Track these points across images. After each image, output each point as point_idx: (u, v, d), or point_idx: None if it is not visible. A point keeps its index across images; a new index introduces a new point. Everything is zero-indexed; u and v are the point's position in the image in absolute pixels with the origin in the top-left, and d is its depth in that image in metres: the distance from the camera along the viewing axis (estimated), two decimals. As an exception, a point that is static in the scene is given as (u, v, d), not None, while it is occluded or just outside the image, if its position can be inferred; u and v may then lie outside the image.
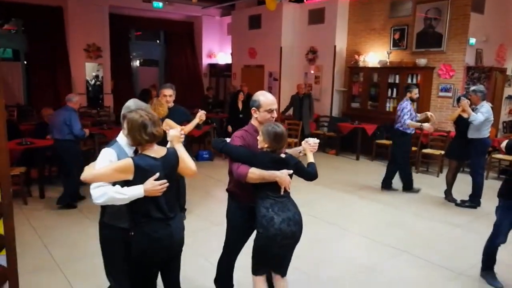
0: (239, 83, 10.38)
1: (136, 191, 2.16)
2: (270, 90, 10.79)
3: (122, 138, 2.41)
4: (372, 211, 5.46)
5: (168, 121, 4.09)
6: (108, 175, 2.18)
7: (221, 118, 9.89)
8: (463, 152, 5.62)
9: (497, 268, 3.54)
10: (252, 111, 2.67)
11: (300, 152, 2.77)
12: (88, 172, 2.24)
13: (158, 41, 13.85)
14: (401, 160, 6.20)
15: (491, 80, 8.41)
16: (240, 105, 8.21)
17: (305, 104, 8.91)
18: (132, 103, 2.44)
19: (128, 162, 2.18)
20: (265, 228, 2.44)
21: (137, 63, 13.63)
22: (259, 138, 2.52)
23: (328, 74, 9.93)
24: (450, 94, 7.93)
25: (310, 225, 4.69)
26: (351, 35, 9.83)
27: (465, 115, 5.41)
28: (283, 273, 2.64)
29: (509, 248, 3.53)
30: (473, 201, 5.56)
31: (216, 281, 3.11)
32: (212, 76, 13.89)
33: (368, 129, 8.49)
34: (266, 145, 2.49)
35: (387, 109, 8.85)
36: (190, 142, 6.48)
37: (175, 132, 2.41)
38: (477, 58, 8.16)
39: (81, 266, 3.64)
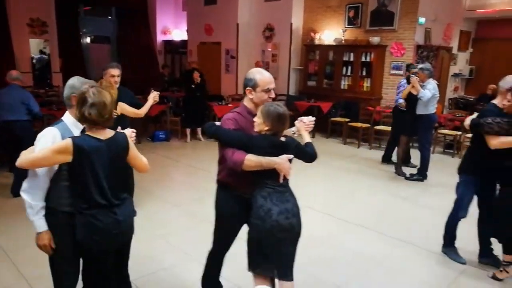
0: (196, 60, 10.17)
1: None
2: (227, 67, 10.70)
3: (68, 117, 2.25)
4: (328, 187, 5.64)
5: (122, 105, 3.86)
6: (47, 158, 2.00)
7: (177, 97, 9.70)
8: (413, 127, 5.90)
9: (458, 243, 3.62)
10: (247, 91, 2.39)
11: (294, 133, 2.50)
12: (24, 157, 2.04)
13: (110, 17, 13.21)
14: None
15: (438, 58, 8.81)
16: (196, 83, 8.00)
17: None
18: (76, 80, 2.27)
19: (67, 141, 2.02)
20: (262, 219, 2.23)
21: (87, 40, 12.96)
22: (257, 120, 2.25)
23: (285, 52, 9.95)
24: (401, 72, 8.21)
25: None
26: (308, 13, 9.85)
27: (414, 92, 5.65)
28: (287, 275, 2.30)
29: (469, 221, 3.53)
30: (421, 174, 5.88)
31: (204, 279, 2.82)
32: (167, 53, 13.51)
33: (324, 107, 8.67)
34: (266, 128, 2.22)
35: (342, 87, 9.05)
36: (145, 122, 6.34)
37: (128, 132, 2.31)
38: (426, 37, 8.48)
39: (30, 253, 3.51)
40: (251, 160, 2.19)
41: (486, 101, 8.83)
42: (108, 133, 2.15)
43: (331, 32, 9.31)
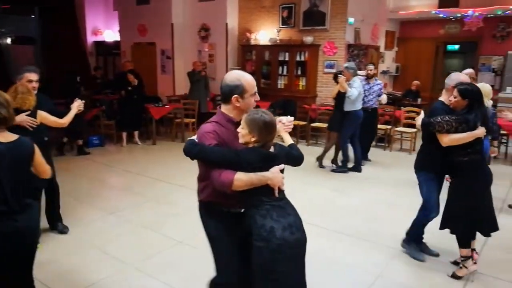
0: (131, 62, 9.79)
1: None
2: (163, 68, 10.45)
3: None
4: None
5: (41, 114, 3.47)
6: None
7: (111, 100, 9.29)
8: (342, 124, 6.16)
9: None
10: (233, 100, 2.10)
11: None
12: None
13: (32, 16, 12.31)
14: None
15: (367, 56, 9.27)
16: (131, 86, 7.70)
17: (201, 82, 8.84)
18: None
19: None
20: (266, 240, 1.99)
21: (8, 40, 11.98)
22: (242, 131, 2.02)
23: (221, 52, 9.93)
24: (334, 70, 8.52)
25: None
26: (242, 13, 9.91)
27: (342, 90, 5.90)
28: None
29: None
30: (344, 166, 6.24)
31: None
32: (99, 55, 12.88)
33: (262, 106, 8.75)
34: (253, 139, 2.00)
35: (279, 86, 9.23)
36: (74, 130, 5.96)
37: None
38: (356, 36, 8.89)
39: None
40: (241, 180, 1.97)
41: (411, 96, 9.52)
42: (9, 136, 2.07)
43: (266, 32, 9.45)
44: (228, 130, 2.13)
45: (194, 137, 2.13)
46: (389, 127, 7.75)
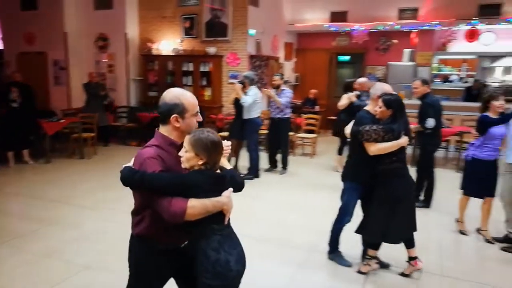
0: (17, 73, 8.86)
1: None
2: (57, 80, 9.65)
3: None
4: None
5: None
6: None
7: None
8: (241, 131, 6.32)
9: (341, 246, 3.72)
10: (172, 120, 1.92)
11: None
12: None
13: None
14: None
15: (269, 67, 9.67)
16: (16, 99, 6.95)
17: (99, 94, 8.37)
18: None
19: None
20: (222, 277, 1.82)
21: None
22: (186, 154, 1.83)
23: (122, 62, 9.52)
24: (238, 81, 8.72)
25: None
26: (143, 23, 9.64)
27: (238, 97, 6.09)
28: None
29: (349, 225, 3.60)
30: (251, 173, 6.36)
31: None
32: (-23, 65, 11.43)
33: (168, 117, 8.59)
34: (201, 162, 1.83)
35: (185, 97, 9.11)
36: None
37: None
38: (257, 47, 9.22)
39: None
40: (195, 207, 1.77)
41: (310, 104, 10.15)
42: None
43: (168, 42, 9.31)
44: (170, 154, 1.92)
45: (130, 164, 1.91)
46: (291, 133, 8.15)
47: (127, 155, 8.12)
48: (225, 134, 7.85)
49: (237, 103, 6.19)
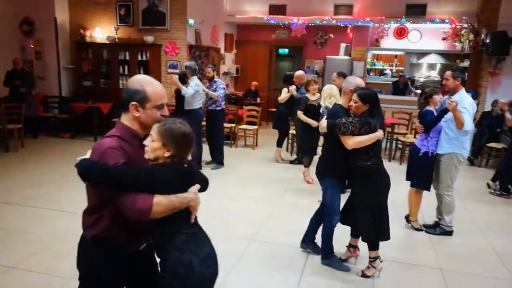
0: None
1: None
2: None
3: None
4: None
5: None
6: None
7: None
8: None
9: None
10: (131, 107, 1.76)
11: None
12: None
13: None
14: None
15: (209, 57, 9.57)
16: None
17: (26, 82, 7.79)
18: None
19: None
20: (183, 278, 1.71)
21: None
22: (153, 144, 1.70)
23: (51, 49, 8.88)
24: (177, 71, 8.54)
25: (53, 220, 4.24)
26: (75, 8, 9.06)
27: (180, 89, 5.95)
28: None
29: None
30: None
31: None
32: None
33: (104, 108, 8.22)
34: (168, 154, 1.70)
35: (121, 86, 8.76)
36: None
37: None
38: (197, 37, 9.08)
39: None
40: (161, 204, 1.63)
41: (251, 95, 10.23)
42: None
43: (103, 30, 8.86)
44: (133, 145, 1.76)
45: (87, 156, 1.72)
46: (233, 125, 8.17)
47: (59, 148, 7.74)
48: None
49: (178, 94, 6.06)
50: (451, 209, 4.21)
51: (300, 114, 5.64)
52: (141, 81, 1.78)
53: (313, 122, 5.41)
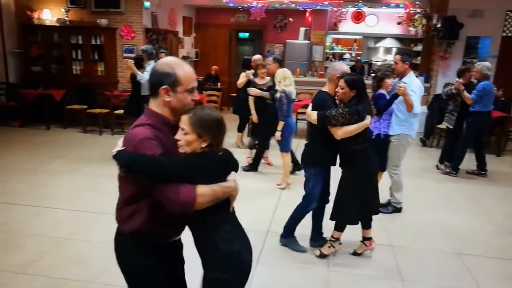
0: None
1: None
2: None
3: None
4: (72, 181, 5.20)
5: None
6: None
7: None
8: (139, 109, 6.04)
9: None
10: (162, 91, 1.65)
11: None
12: None
13: None
14: None
15: (167, 41, 9.35)
16: None
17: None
18: None
19: None
20: (235, 269, 1.66)
21: None
22: (187, 137, 1.60)
23: (-5, 32, 8.35)
24: (134, 55, 8.27)
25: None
26: (19, -13, 8.52)
27: (135, 74, 5.78)
28: None
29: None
30: None
31: None
32: None
33: (56, 94, 7.86)
34: (204, 144, 1.62)
35: (75, 72, 8.41)
36: None
37: None
38: (153, 21, 8.82)
39: None
40: (205, 195, 1.56)
41: (212, 80, 10.11)
42: None
43: (52, 11, 8.41)
44: (166, 134, 1.65)
45: (119, 147, 1.61)
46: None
47: (7, 138, 7.36)
48: (121, 112, 7.47)
49: (133, 79, 5.89)
50: (399, 187, 4.42)
51: (250, 99, 5.70)
52: (171, 63, 1.68)
53: (265, 94, 5.35)
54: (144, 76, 5.71)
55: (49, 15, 8.39)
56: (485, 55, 8.17)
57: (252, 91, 5.52)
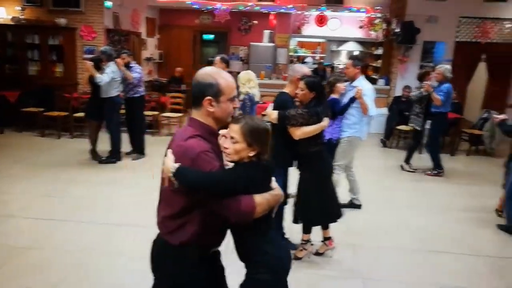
0: None
1: None
2: None
3: None
4: (29, 187, 4.97)
5: None
6: None
7: None
8: (99, 111, 5.89)
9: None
10: (205, 103, 1.66)
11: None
12: None
13: None
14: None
15: (130, 42, 9.16)
16: None
17: None
18: None
19: None
20: (277, 271, 1.73)
21: None
22: (237, 145, 1.62)
23: None
24: (93, 56, 8.05)
25: None
26: (-30, -17, 8.09)
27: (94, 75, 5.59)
28: None
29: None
30: (112, 156, 5.99)
31: None
32: None
33: (10, 96, 7.50)
34: (252, 153, 1.64)
35: (31, 73, 8.09)
36: None
37: None
38: (115, 21, 8.61)
39: None
40: (262, 204, 1.62)
41: (175, 82, 9.98)
42: None
43: (6, 9, 8.04)
44: (213, 144, 1.68)
45: (171, 160, 1.59)
46: (156, 113, 7.93)
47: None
48: (81, 114, 7.23)
49: (92, 81, 5.71)
50: (354, 186, 4.65)
51: None
52: (212, 73, 1.70)
53: None
54: (103, 78, 5.55)
55: (4, 13, 8.01)
56: (440, 59, 8.54)
57: None
